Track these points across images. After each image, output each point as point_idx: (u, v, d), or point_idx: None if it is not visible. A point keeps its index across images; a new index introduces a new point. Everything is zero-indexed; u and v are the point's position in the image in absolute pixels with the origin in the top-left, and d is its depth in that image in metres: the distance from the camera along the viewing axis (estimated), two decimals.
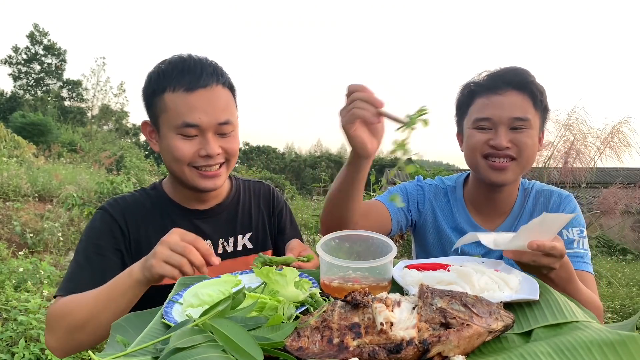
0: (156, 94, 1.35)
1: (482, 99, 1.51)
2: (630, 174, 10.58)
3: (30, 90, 44.36)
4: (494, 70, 1.56)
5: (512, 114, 1.45)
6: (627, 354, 0.67)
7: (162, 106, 1.34)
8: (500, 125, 1.46)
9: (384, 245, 1.10)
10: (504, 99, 1.47)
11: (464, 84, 1.61)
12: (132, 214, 1.42)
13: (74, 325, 1.17)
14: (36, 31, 44.04)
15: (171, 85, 1.32)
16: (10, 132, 15.44)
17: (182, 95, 1.31)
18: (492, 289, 0.95)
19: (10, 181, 9.41)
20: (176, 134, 1.33)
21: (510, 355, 0.72)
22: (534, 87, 1.49)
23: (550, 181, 7.20)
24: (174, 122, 1.32)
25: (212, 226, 1.50)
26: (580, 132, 7.07)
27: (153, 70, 1.39)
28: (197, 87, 1.31)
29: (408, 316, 0.75)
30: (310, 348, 0.73)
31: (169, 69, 1.34)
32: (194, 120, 1.30)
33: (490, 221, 1.61)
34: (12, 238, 7.06)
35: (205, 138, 1.33)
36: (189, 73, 1.32)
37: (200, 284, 0.99)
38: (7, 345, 3.16)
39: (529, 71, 1.52)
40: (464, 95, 1.59)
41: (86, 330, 1.16)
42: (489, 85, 1.51)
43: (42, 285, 4.54)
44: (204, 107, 1.31)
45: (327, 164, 43.85)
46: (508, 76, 1.49)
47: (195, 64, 1.34)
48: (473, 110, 1.53)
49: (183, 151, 1.33)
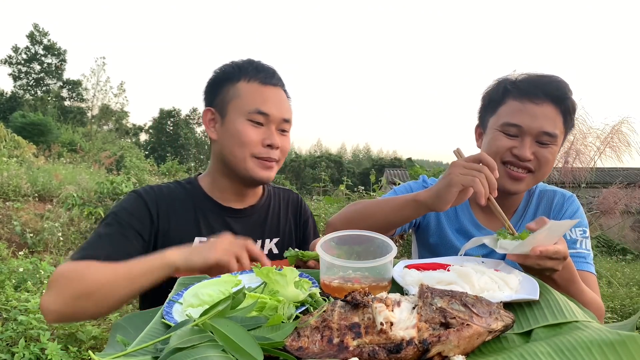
0: (230, 81, 1.46)
1: (515, 102, 1.46)
2: (630, 174, 10.58)
3: (30, 90, 44.37)
4: (533, 74, 1.50)
5: (542, 127, 1.41)
6: (627, 354, 0.67)
7: (234, 93, 1.44)
8: (527, 136, 1.43)
9: (384, 245, 1.10)
10: (538, 110, 1.42)
11: (498, 80, 1.56)
12: (165, 204, 1.44)
13: (83, 290, 1.16)
14: (36, 31, 44.03)
15: (247, 76, 1.45)
16: (10, 132, 15.44)
17: (256, 85, 1.44)
18: (492, 289, 0.95)
19: (10, 181, 9.40)
20: (246, 119, 1.41)
21: (510, 355, 0.72)
22: (569, 103, 1.45)
23: (550, 181, 7.20)
24: (246, 107, 1.42)
25: (243, 226, 1.52)
26: (580, 132, 7.06)
27: (225, 64, 1.51)
28: (270, 83, 1.46)
29: (408, 316, 0.75)
30: (310, 348, 0.73)
31: (245, 64, 1.49)
32: (266, 109, 1.42)
33: (494, 221, 1.60)
34: (12, 238, 7.06)
35: (270, 129, 1.44)
36: (263, 71, 1.47)
37: (200, 284, 0.99)
38: (7, 345, 3.16)
39: (568, 85, 1.48)
40: (497, 92, 1.53)
41: (93, 298, 1.16)
42: (526, 89, 1.45)
43: (42, 285, 4.54)
44: (274, 101, 1.45)
45: (327, 164, 43.86)
46: (549, 87, 1.44)
47: (268, 67, 1.51)
48: (503, 112, 1.48)
49: (251, 136, 1.41)
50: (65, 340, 3.30)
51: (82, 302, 1.16)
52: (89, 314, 1.20)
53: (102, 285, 1.16)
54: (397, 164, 46.69)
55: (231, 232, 1.34)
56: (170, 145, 47.83)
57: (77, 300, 1.16)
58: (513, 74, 1.54)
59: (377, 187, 7.85)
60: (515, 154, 1.44)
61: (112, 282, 1.16)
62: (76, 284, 1.17)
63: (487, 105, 1.57)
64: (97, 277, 1.17)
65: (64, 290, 1.17)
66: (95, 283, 1.16)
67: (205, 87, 1.53)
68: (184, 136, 48.48)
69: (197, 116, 51.35)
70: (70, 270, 1.21)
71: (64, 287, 1.18)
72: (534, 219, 1.55)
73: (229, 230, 1.44)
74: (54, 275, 1.23)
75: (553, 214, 1.57)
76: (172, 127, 49.54)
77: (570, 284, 1.20)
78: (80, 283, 1.17)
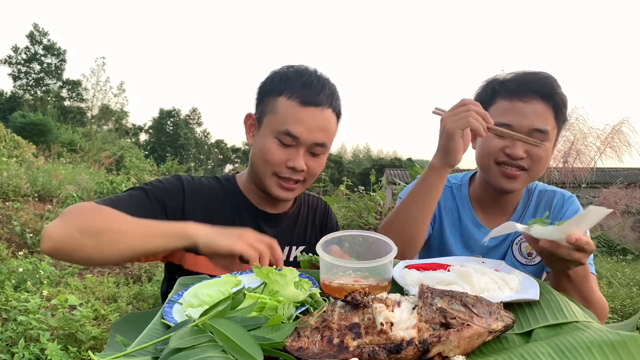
0: (272, 94, 1.41)
1: (504, 102, 1.47)
2: (631, 174, 10.58)
3: (30, 90, 44.39)
4: (520, 72, 1.50)
5: (533, 124, 1.42)
6: (627, 354, 0.67)
7: (272, 107, 1.39)
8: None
9: (384, 245, 1.10)
10: (527, 107, 1.43)
11: (487, 80, 1.56)
12: (203, 198, 1.45)
13: (92, 227, 1.12)
14: (36, 31, 44.04)
15: (289, 91, 1.38)
16: (10, 132, 15.42)
17: (295, 105, 1.37)
18: (492, 289, 0.95)
19: (10, 181, 9.40)
20: (274, 137, 1.38)
21: (510, 355, 0.72)
22: (559, 98, 1.45)
23: (550, 181, 7.20)
24: (277, 126, 1.37)
25: (274, 232, 1.50)
26: (580, 132, 7.06)
27: (278, 70, 1.45)
28: (311, 104, 1.37)
29: (408, 316, 0.75)
30: (310, 348, 0.73)
31: (293, 76, 1.41)
32: (296, 131, 1.36)
33: (494, 220, 1.61)
34: (12, 238, 7.05)
35: (297, 151, 1.38)
36: (309, 87, 1.38)
37: (200, 284, 0.98)
38: (7, 345, 3.16)
39: (556, 80, 1.48)
40: (486, 93, 1.54)
41: (99, 239, 1.11)
42: (514, 88, 1.46)
43: (42, 285, 4.54)
44: (309, 124, 1.37)
45: (327, 164, 43.80)
46: (536, 84, 1.45)
47: (318, 82, 1.40)
48: (493, 112, 1.49)
49: (275, 156, 1.38)
50: (65, 341, 3.30)
51: (86, 238, 1.11)
52: (87, 255, 1.13)
53: (114, 230, 1.12)
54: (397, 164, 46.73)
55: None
56: (170, 145, 47.84)
57: (82, 235, 1.11)
58: (501, 73, 1.55)
59: (377, 187, 7.85)
60: (508, 153, 1.44)
61: (125, 231, 1.13)
62: (88, 218, 1.13)
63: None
64: (112, 221, 1.14)
65: (73, 221, 1.13)
66: (107, 224, 1.13)
67: (258, 88, 1.49)
68: (184, 136, 48.48)
69: (196, 116, 51.33)
70: (87, 206, 1.18)
71: (75, 218, 1.14)
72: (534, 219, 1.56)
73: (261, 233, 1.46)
74: (69, 207, 1.18)
75: (553, 214, 1.58)
76: (172, 127, 49.57)
77: (583, 281, 1.21)
78: (92, 219, 1.13)
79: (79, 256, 1.14)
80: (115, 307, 4.13)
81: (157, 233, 1.14)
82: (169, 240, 1.14)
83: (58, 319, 3.37)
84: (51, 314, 3.56)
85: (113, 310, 3.96)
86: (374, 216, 6.70)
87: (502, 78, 1.52)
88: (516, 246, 1.58)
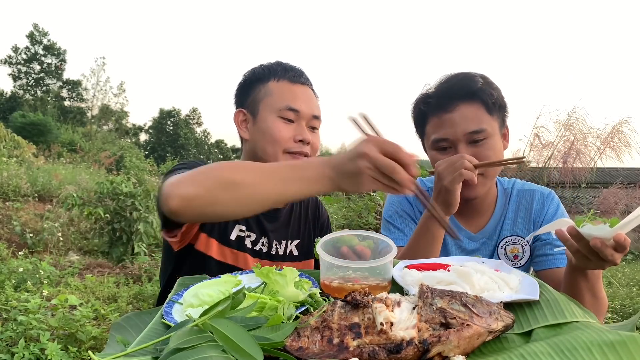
0: (261, 82, 1.51)
1: (434, 119, 1.48)
2: (630, 174, 10.58)
3: (30, 90, 44.41)
4: (439, 82, 1.51)
5: (466, 128, 1.42)
6: (627, 354, 0.67)
7: (265, 92, 1.49)
8: (458, 143, 1.43)
9: (384, 245, 1.10)
10: (455, 116, 1.43)
11: (414, 103, 1.57)
12: None
13: (227, 179, 1.04)
14: (36, 31, 44.06)
15: (276, 76, 1.50)
16: (10, 132, 15.43)
17: (286, 84, 1.49)
18: (492, 289, 0.95)
19: (10, 181, 9.41)
20: (277, 117, 1.45)
21: (510, 355, 0.72)
22: (482, 93, 1.43)
23: (550, 181, 7.21)
24: (277, 105, 1.46)
25: (272, 225, 1.56)
26: (580, 132, 7.07)
27: (254, 67, 1.57)
28: (299, 82, 1.51)
29: (408, 316, 0.75)
30: (310, 348, 0.73)
31: (273, 65, 1.54)
32: (296, 105, 1.46)
33: (473, 223, 1.61)
34: (12, 238, 7.05)
35: (301, 125, 1.47)
36: (291, 70, 1.53)
37: (200, 284, 0.99)
38: (7, 346, 3.16)
39: (475, 76, 1.46)
40: (417, 117, 1.55)
41: (236, 191, 1.03)
42: (437, 103, 1.46)
43: (42, 285, 4.54)
44: (304, 99, 1.49)
45: None
46: (453, 90, 1.45)
47: (296, 67, 1.56)
48: (429, 131, 1.50)
49: (282, 133, 1.44)
50: (65, 341, 3.30)
51: (222, 192, 1.03)
52: (223, 209, 1.06)
53: (248, 182, 1.03)
54: None
55: (262, 230, 1.50)
56: (170, 145, 47.86)
57: (217, 189, 1.03)
58: (425, 88, 1.55)
59: None
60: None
61: (260, 182, 1.04)
62: (226, 172, 1.06)
63: (417, 131, 1.60)
64: (245, 172, 1.05)
65: (201, 176, 1.06)
66: (241, 176, 1.04)
67: (235, 90, 1.59)
68: (184, 136, 48.52)
69: (196, 116, 51.35)
70: (211, 165, 1.10)
71: (208, 174, 1.06)
72: (515, 221, 1.56)
73: (261, 228, 1.52)
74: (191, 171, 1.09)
75: (534, 215, 1.58)
76: (172, 127, 49.59)
77: (597, 280, 1.23)
78: (228, 172, 1.06)
79: (212, 210, 1.06)
80: (115, 307, 4.13)
81: (295, 178, 1.04)
82: (308, 186, 1.03)
83: (58, 319, 3.37)
84: (51, 314, 3.56)
85: (113, 310, 3.95)
86: (374, 216, 6.70)
87: (425, 94, 1.53)
88: (501, 249, 1.58)
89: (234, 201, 1.04)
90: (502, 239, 1.58)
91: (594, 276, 1.21)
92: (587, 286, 1.22)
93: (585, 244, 1.06)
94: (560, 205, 1.59)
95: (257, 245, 1.52)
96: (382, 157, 0.97)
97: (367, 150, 0.97)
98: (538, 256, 1.54)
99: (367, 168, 0.97)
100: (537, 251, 1.55)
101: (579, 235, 1.07)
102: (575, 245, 1.09)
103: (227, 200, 1.04)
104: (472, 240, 1.60)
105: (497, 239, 1.59)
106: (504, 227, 1.59)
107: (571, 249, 1.11)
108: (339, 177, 1.01)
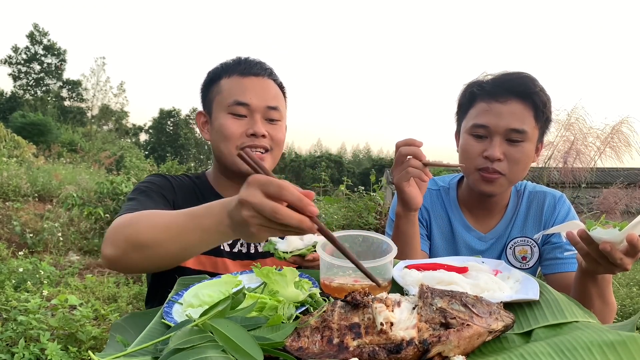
0: (213, 81, 1.48)
1: (482, 104, 1.48)
2: (631, 174, 10.57)
3: (30, 90, 44.40)
4: (499, 74, 1.51)
5: (509, 124, 1.42)
6: (627, 354, 0.67)
7: (217, 90, 1.46)
8: (495, 135, 1.43)
9: (384, 245, 1.10)
10: (503, 108, 1.43)
11: (467, 84, 1.57)
12: (183, 193, 1.46)
13: (134, 241, 1.00)
14: (36, 31, 44.04)
15: (228, 72, 1.46)
16: (10, 132, 15.42)
17: (236, 78, 1.44)
18: (492, 289, 0.95)
19: (10, 181, 9.39)
20: (227, 113, 1.41)
21: (510, 355, 0.72)
22: (537, 97, 1.44)
23: (550, 181, 7.20)
24: (226, 101, 1.42)
25: None
26: (580, 132, 7.05)
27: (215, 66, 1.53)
28: (250, 74, 1.45)
29: (408, 316, 0.75)
30: (310, 348, 0.73)
31: (229, 62, 1.50)
32: (244, 99, 1.41)
33: (483, 223, 1.61)
34: (12, 238, 7.05)
35: (254, 119, 1.42)
36: (244, 63, 1.47)
37: (200, 284, 0.99)
38: (7, 346, 3.15)
39: (535, 80, 1.47)
40: (466, 96, 1.55)
41: (144, 253, 1.00)
42: (491, 90, 1.47)
43: (42, 285, 4.54)
44: (255, 90, 1.43)
45: (327, 164, 43.82)
46: (512, 84, 1.45)
47: (252, 60, 1.49)
48: (472, 114, 1.50)
49: (232, 129, 1.40)
50: (65, 341, 3.30)
51: (134, 254, 1.01)
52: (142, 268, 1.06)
53: (153, 240, 0.98)
54: None
55: None
56: (170, 145, 47.87)
57: (129, 252, 1.01)
58: (481, 76, 1.56)
59: (377, 187, 7.83)
60: (486, 156, 1.44)
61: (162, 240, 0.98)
62: (129, 231, 1.02)
63: (459, 110, 1.60)
64: (148, 230, 1.00)
65: (117, 238, 1.04)
66: (146, 237, 1.00)
67: (200, 89, 1.56)
68: (184, 136, 48.53)
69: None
70: (123, 219, 1.08)
71: (117, 235, 1.04)
72: (525, 222, 1.57)
73: None
74: (109, 229, 1.09)
75: (545, 216, 1.58)
76: (172, 127, 49.60)
77: (607, 285, 1.23)
78: (132, 231, 1.02)
79: (136, 270, 1.07)
80: (115, 307, 4.13)
81: (194, 228, 0.94)
82: (209, 236, 0.93)
83: (58, 319, 3.37)
84: (51, 314, 3.55)
85: (113, 310, 3.95)
86: (374, 216, 6.69)
87: (481, 81, 1.53)
88: (510, 250, 1.58)
89: (146, 262, 1.02)
90: (512, 239, 1.58)
91: (604, 281, 1.20)
92: (597, 292, 1.21)
93: (595, 247, 1.06)
94: (571, 209, 1.58)
95: (235, 247, 1.49)
96: (264, 201, 0.79)
97: (246, 196, 0.81)
98: (547, 259, 1.54)
99: (250, 217, 0.81)
100: (546, 254, 1.54)
101: (589, 238, 1.07)
102: (585, 248, 1.08)
103: (140, 261, 1.01)
104: (482, 241, 1.60)
105: (507, 240, 1.59)
106: (515, 227, 1.59)
107: (581, 252, 1.11)
108: (233, 227, 0.87)
